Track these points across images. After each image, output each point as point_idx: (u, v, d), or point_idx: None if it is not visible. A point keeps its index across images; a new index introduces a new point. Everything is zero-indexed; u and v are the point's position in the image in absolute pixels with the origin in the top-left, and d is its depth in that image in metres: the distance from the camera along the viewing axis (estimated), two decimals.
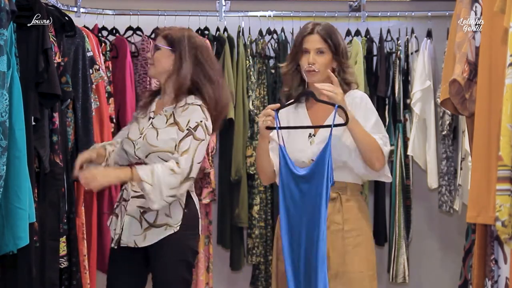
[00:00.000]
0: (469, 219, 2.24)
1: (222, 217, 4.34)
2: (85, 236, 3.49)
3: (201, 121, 2.75)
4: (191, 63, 2.79)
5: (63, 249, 3.00)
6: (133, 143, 2.81)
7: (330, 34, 2.70)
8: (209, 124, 2.79)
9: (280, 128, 2.62)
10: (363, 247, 2.68)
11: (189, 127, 2.73)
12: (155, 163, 2.70)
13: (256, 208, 4.25)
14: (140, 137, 2.79)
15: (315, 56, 2.68)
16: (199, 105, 2.77)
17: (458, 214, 4.29)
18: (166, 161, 2.71)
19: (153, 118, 2.83)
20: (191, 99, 2.79)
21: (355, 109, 2.66)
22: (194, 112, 2.76)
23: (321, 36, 2.70)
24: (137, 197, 2.78)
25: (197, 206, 2.88)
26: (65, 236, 3.01)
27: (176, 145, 2.73)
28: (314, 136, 2.68)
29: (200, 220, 2.90)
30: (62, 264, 2.99)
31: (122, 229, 2.79)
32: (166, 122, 2.78)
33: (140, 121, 2.88)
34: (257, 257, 4.26)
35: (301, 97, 2.74)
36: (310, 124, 2.71)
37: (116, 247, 2.80)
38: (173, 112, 2.79)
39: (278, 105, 2.66)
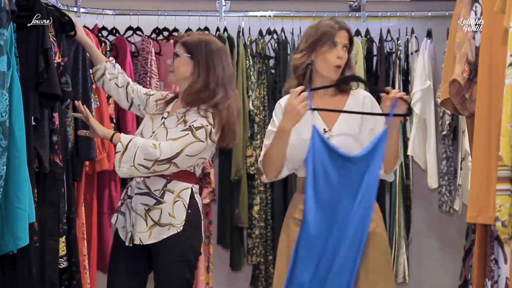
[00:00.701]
0: (469, 219, 2.24)
1: (222, 217, 4.34)
2: (85, 236, 3.49)
3: (206, 126, 2.76)
4: (207, 70, 2.82)
5: (62, 249, 3.00)
6: None
7: (350, 31, 2.76)
8: (215, 132, 2.79)
9: (314, 109, 2.58)
10: (378, 236, 2.65)
11: (192, 125, 2.75)
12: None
13: (256, 208, 4.25)
14: (152, 135, 2.82)
15: (342, 51, 2.70)
16: (212, 112, 2.79)
17: (458, 214, 4.29)
18: None
19: (165, 119, 2.85)
20: (205, 105, 2.81)
21: (367, 109, 2.67)
22: (204, 117, 2.78)
23: (349, 33, 2.74)
24: (141, 194, 2.80)
25: (200, 208, 2.88)
26: (64, 236, 3.01)
27: None
28: (330, 131, 2.65)
29: (202, 221, 2.90)
30: (61, 264, 2.99)
31: (133, 226, 2.80)
32: (177, 122, 2.81)
33: (154, 120, 2.90)
34: (257, 257, 4.26)
35: (348, 82, 2.70)
36: (321, 120, 2.66)
37: (131, 245, 2.80)
38: (185, 113, 2.81)
39: (302, 87, 2.56)
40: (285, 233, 2.79)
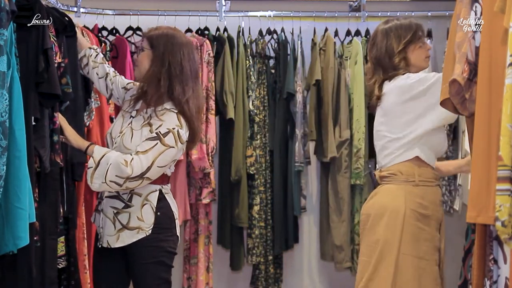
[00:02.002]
0: (469, 219, 2.23)
1: (222, 217, 4.35)
2: (85, 236, 3.49)
3: (173, 128, 2.71)
4: (162, 64, 2.75)
5: (61, 249, 3.00)
6: (112, 141, 2.84)
7: None
8: (183, 132, 2.74)
9: None
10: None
11: (159, 131, 2.70)
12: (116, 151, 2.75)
13: (256, 208, 4.25)
14: (119, 135, 2.80)
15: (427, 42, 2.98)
16: (176, 112, 2.74)
17: (458, 214, 4.29)
18: None
19: (133, 118, 2.83)
20: (169, 104, 2.76)
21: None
22: (170, 118, 2.73)
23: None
24: (111, 197, 2.79)
25: (173, 207, 2.85)
26: (63, 236, 3.01)
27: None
28: None
29: (176, 220, 2.86)
30: (60, 264, 2.98)
31: (102, 228, 2.82)
32: (142, 123, 2.76)
33: (124, 117, 2.88)
34: (257, 257, 4.26)
35: None
36: None
37: (100, 246, 2.82)
38: (150, 115, 2.77)
39: None
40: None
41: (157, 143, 2.68)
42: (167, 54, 2.76)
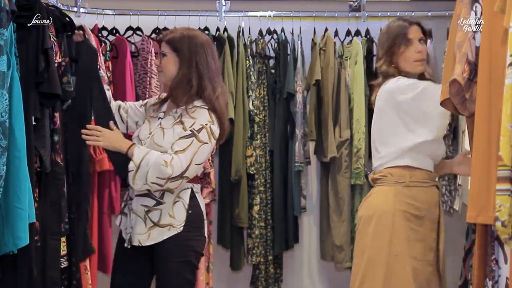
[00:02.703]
0: (469, 219, 2.23)
1: (222, 217, 4.35)
2: None
3: (206, 124, 2.75)
4: (190, 65, 2.80)
5: (63, 249, 3.00)
6: (141, 142, 2.84)
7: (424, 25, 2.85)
8: (215, 128, 2.79)
9: None
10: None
11: (193, 128, 2.74)
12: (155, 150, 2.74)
13: (256, 208, 4.25)
14: (149, 136, 2.82)
15: (420, 45, 2.81)
16: (207, 109, 2.79)
17: (458, 214, 4.29)
18: None
19: (162, 119, 2.86)
20: (199, 102, 2.80)
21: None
22: (201, 115, 2.77)
23: (420, 26, 2.83)
24: (141, 195, 2.80)
25: (203, 208, 2.89)
26: (65, 236, 3.01)
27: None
28: None
29: (205, 221, 2.90)
30: (62, 264, 2.98)
31: (132, 227, 2.81)
32: (173, 122, 2.80)
33: (151, 121, 2.90)
34: (257, 257, 4.26)
35: None
36: None
37: (129, 246, 2.81)
38: (181, 113, 2.81)
39: None
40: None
41: (193, 140, 2.72)
42: (193, 55, 2.80)
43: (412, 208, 2.76)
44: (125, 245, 2.82)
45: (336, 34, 4.39)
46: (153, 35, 4.23)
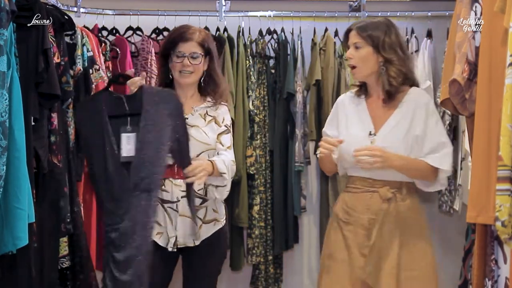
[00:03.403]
0: (469, 219, 2.24)
1: None
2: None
3: (229, 120, 2.91)
4: (212, 61, 2.91)
5: (64, 248, 3.00)
6: None
7: (366, 29, 2.73)
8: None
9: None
10: (420, 247, 2.70)
11: (226, 124, 2.87)
12: (219, 156, 2.81)
13: (256, 208, 4.25)
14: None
15: (352, 51, 2.74)
16: (226, 105, 2.92)
17: (458, 214, 4.29)
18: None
19: (186, 119, 2.83)
20: (213, 98, 2.89)
21: (417, 112, 2.69)
22: (227, 112, 2.91)
23: (357, 31, 2.74)
24: (185, 196, 2.81)
25: None
26: (67, 236, 3.01)
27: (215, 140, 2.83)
28: (375, 135, 2.69)
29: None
30: (64, 264, 2.98)
31: (178, 229, 2.80)
32: (205, 120, 2.86)
33: None
34: (257, 257, 4.26)
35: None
36: (370, 122, 2.73)
37: (175, 249, 2.80)
38: (206, 111, 2.87)
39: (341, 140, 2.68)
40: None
41: (230, 137, 2.89)
42: (214, 53, 2.92)
43: (342, 211, 2.79)
44: (170, 249, 2.80)
45: (336, 34, 4.38)
46: (153, 35, 4.23)
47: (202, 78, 2.89)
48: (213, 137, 2.82)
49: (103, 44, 3.94)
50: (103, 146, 2.65)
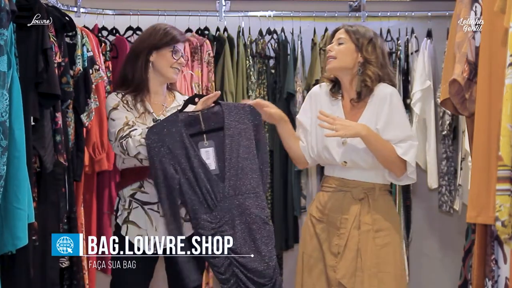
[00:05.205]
0: (469, 219, 2.24)
1: None
2: (84, 237, 3.48)
3: None
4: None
5: None
6: None
7: (354, 31, 2.81)
8: None
9: None
10: (391, 247, 2.72)
11: None
12: None
13: None
14: None
15: (334, 45, 2.82)
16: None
17: (458, 214, 4.29)
18: None
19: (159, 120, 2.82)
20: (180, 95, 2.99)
21: (381, 106, 2.70)
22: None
23: (344, 29, 2.84)
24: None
25: None
26: None
27: None
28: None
29: None
30: (63, 264, 2.98)
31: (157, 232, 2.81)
32: None
33: (147, 122, 2.85)
34: None
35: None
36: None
37: (155, 252, 2.78)
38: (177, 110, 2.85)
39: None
40: None
41: None
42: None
43: (316, 210, 2.83)
44: (149, 252, 2.77)
45: None
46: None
47: None
48: None
49: (103, 44, 3.94)
50: (188, 160, 2.65)
